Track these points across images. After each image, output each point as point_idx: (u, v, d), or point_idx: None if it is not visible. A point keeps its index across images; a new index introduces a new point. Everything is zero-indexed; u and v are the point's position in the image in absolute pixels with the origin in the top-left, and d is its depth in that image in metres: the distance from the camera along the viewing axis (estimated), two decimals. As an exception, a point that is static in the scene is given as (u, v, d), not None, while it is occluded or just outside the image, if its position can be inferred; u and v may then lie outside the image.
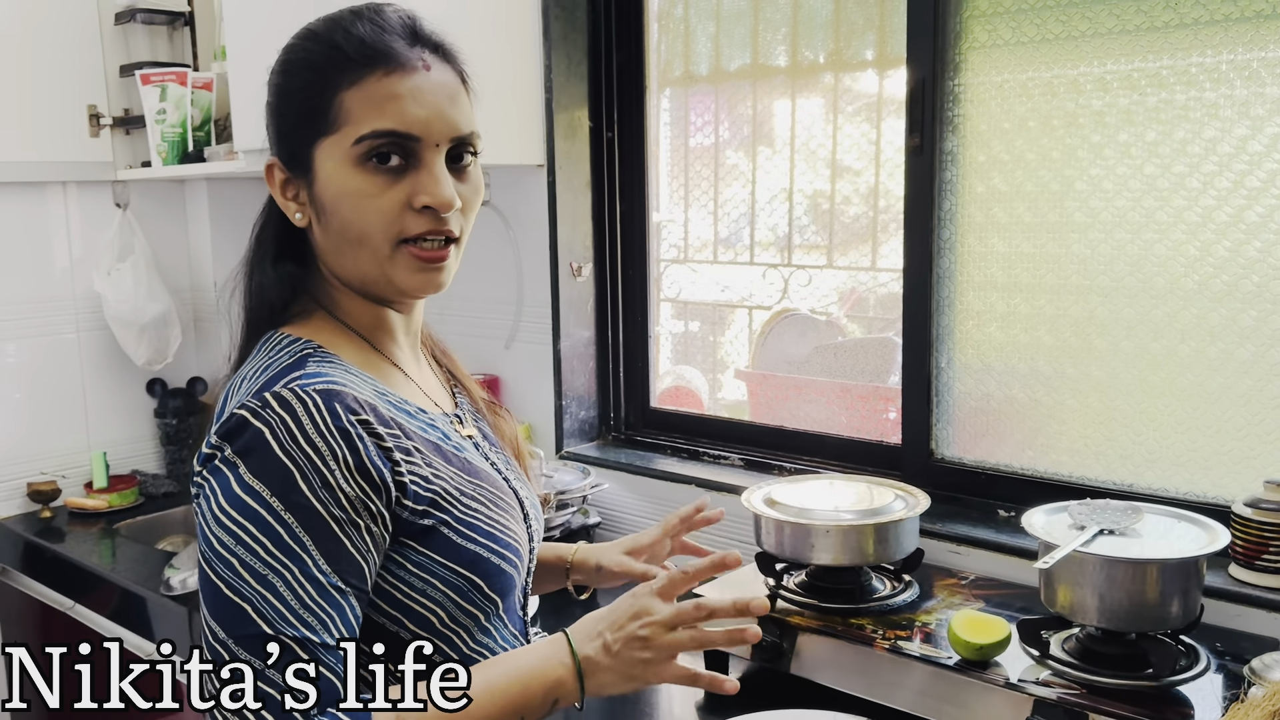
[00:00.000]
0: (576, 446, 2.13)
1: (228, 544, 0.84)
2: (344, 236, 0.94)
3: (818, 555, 1.44)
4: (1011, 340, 1.64)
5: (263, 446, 0.85)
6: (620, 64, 2.09)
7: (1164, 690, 1.18)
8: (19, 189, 2.34)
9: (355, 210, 0.92)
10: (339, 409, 0.87)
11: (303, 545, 0.84)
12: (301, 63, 0.94)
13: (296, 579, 0.84)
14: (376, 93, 0.91)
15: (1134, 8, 1.47)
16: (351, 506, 0.86)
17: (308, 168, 0.94)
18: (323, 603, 0.84)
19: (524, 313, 2.16)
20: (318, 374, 0.90)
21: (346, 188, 0.92)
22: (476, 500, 0.96)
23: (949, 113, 1.64)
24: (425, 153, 0.92)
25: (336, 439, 0.86)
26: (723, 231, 2.20)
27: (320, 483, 0.85)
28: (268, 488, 0.84)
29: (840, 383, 2.07)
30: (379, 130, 0.90)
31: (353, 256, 0.94)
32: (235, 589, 0.84)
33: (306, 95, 0.93)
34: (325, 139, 0.92)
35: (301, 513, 0.84)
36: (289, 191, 0.96)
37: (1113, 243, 1.52)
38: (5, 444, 2.36)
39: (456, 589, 0.93)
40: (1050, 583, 1.26)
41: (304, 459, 0.85)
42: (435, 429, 0.98)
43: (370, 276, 0.95)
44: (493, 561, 0.95)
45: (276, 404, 0.86)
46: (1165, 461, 1.52)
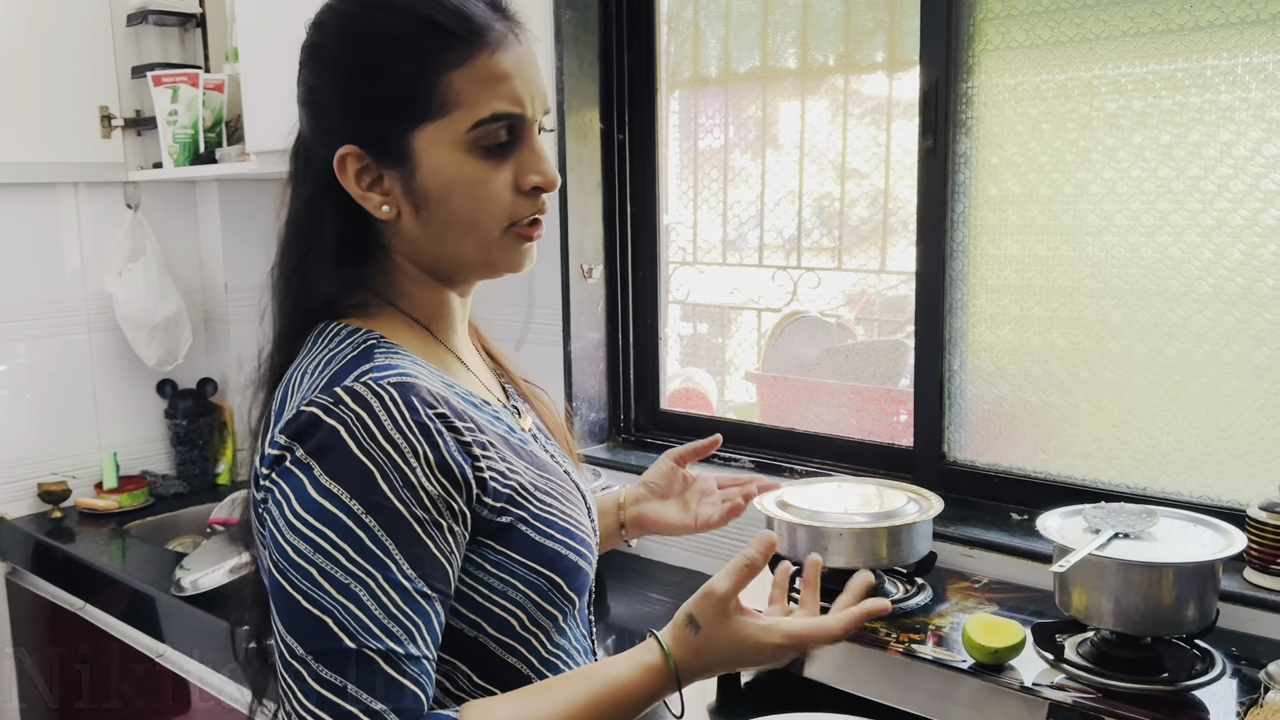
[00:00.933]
0: (587, 448, 2.13)
1: (305, 552, 0.79)
2: (449, 226, 0.88)
3: (830, 558, 1.44)
4: (1025, 343, 1.63)
5: (338, 445, 0.79)
6: (631, 66, 2.09)
7: (1179, 695, 1.18)
8: (31, 190, 2.35)
9: (468, 198, 0.87)
10: (416, 403, 0.82)
11: (386, 550, 0.79)
12: (384, 39, 0.85)
13: (381, 586, 0.79)
14: (488, 73, 0.85)
15: (1148, 10, 1.46)
16: (434, 506, 0.81)
17: (404, 157, 0.86)
18: (409, 610, 0.80)
19: (534, 314, 2.16)
20: (389, 366, 0.84)
21: (460, 176, 0.86)
22: (550, 495, 0.92)
23: (962, 115, 1.64)
24: (528, 131, 0.88)
25: (416, 434, 0.81)
26: (731, 234, 2.20)
27: (402, 482, 0.80)
28: (346, 489, 0.79)
29: (851, 385, 2.07)
30: (499, 113, 0.85)
31: (456, 245, 0.89)
32: (315, 600, 0.78)
33: (401, 77, 0.84)
34: (429, 124, 0.85)
35: (383, 514, 0.79)
36: (365, 181, 0.88)
37: (1127, 245, 1.52)
38: (16, 444, 2.36)
39: (537, 589, 0.88)
40: (1065, 586, 1.25)
41: (384, 457, 0.79)
42: (501, 421, 0.94)
43: (470, 262, 0.91)
44: (570, 559, 0.91)
45: (350, 399, 0.80)
46: (1179, 465, 1.51)
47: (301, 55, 0.91)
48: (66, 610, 2.19)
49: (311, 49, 0.89)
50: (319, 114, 0.89)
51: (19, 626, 2.37)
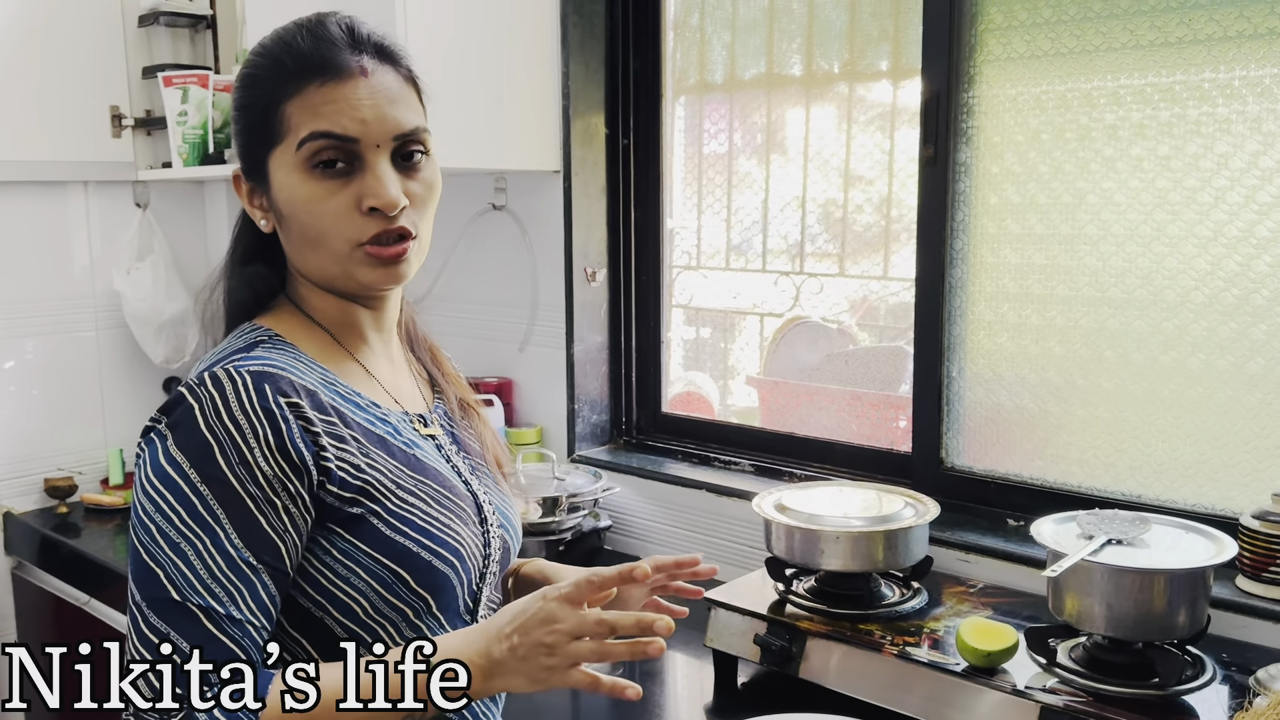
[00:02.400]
0: (588, 450, 2.15)
1: (149, 510, 0.88)
2: (304, 239, 0.98)
3: (827, 561, 1.46)
4: (1022, 350, 1.65)
5: (190, 421, 0.89)
6: (637, 71, 2.11)
7: (1170, 699, 1.19)
8: (41, 188, 2.37)
9: (309, 214, 0.96)
10: (267, 389, 0.91)
11: (216, 518, 0.87)
12: (251, 78, 0.98)
13: (207, 549, 0.87)
14: (313, 100, 0.94)
15: (1147, 23, 1.48)
16: (269, 484, 0.89)
17: (264, 177, 0.99)
18: (232, 576, 0.87)
19: (538, 316, 2.18)
20: (258, 357, 0.94)
21: (297, 194, 0.96)
22: (415, 495, 0.97)
23: (963, 124, 1.65)
24: (368, 154, 0.95)
25: (259, 417, 0.89)
26: (735, 239, 2.22)
27: (238, 459, 0.88)
28: (188, 460, 0.88)
29: (851, 390, 2.08)
30: (315, 132, 0.94)
31: (315, 257, 0.99)
32: (151, 554, 0.88)
33: (256, 109, 0.97)
34: (275, 149, 0.96)
35: (217, 486, 0.88)
36: (254, 200, 1.01)
37: (1124, 255, 1.53)
38: (23, 440, 2.38)
39: (381, 580, 0.94)
40: (1058, 591, 1.27)
41: (224, 435, 0.88)
42: (385, 423, 1.00)
43: (333, 274, 0.99)
44: (422, 557, 0.96)
45: (210, 382, 0.90)
46: (1174, 473, 1.53)
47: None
48: (71, 605, 2.21)
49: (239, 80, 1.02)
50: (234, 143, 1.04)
51: (24, 620, 2.39)
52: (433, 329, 1.23)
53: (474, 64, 1.90)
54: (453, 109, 1.85)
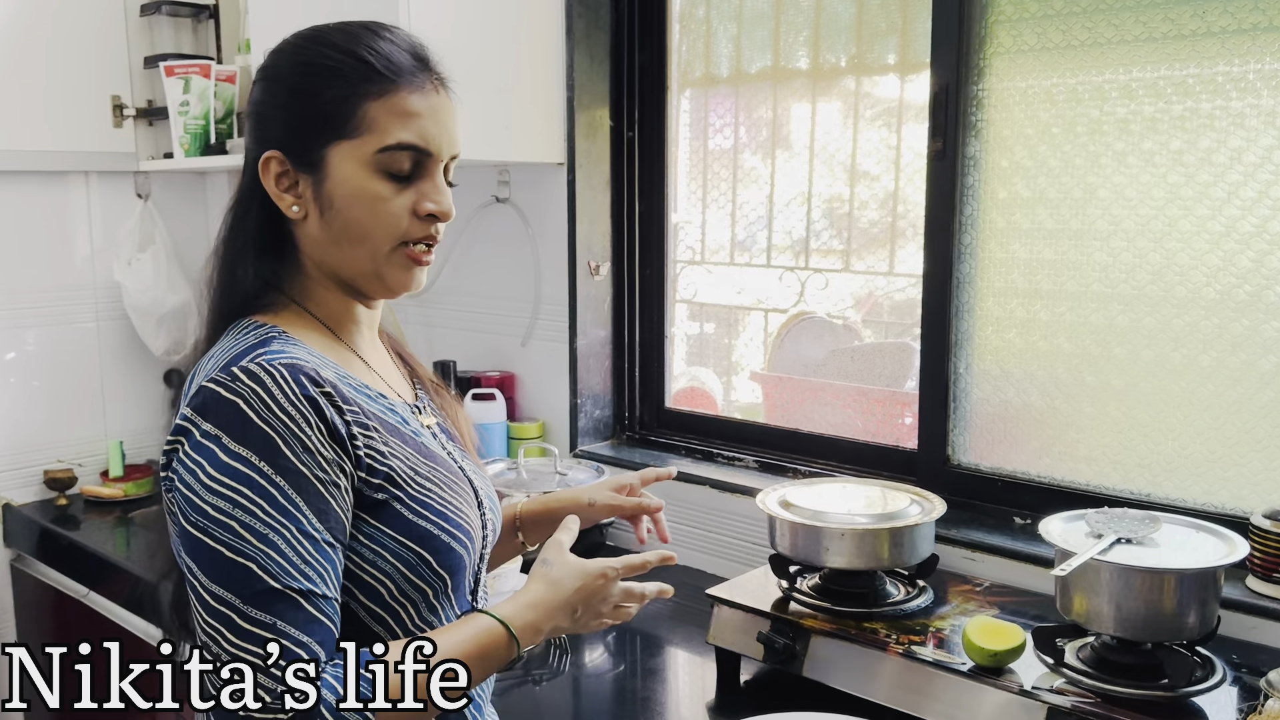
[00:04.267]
0: (591, 445, 2.14)
1: (224, 509, 0.89)
2: (346, 233, 1.00)
3: (831, 558, 1.44)
4: (1031, 347, 1.63)
5: (241, 417, 0.90)
6: (642, 64, 2.09)
7: (1179, 701, 1.18)
8: (42, 178, 2.36)
9: (366, 211, 0.99)
10: (305, 380, 0.92)
11: (296, 505, 0.90)
12: (325, 69, 0.99)
13: (295, 536, 0.89)
14: (401, 107, 0.98)
15: (1161, 15, 1.46)
16: (331, 468, 0.92)
17: (316, 166, 0.99)
18: (319, 557, 0.90)
19: (541, 310, 2.16)
20: (282, 351, 0.95)
21: (362, 190, 0.98)
22: (430, 480, 1.01)
23: (972, 117, 1.64)
24: (433, 166, 1.02)
25: (306, 407, 0.91)
26: (740, 234, 2.20)
27: (302, 447, 0.90)
28: (255, 454, 0.89)
29: (856, 386, 2.06)
30: (403, 143, 0.98)
31: (350, 252, 1.01)
32: (239, 550, 0.88)
33: (329, 99, 0.98)
34: (343, 142, 0.98)
35: (290, 475, 0.90)
36: (284, 184, 1.00)
37: (1135, 251, 1.52)
38: (23, 431, 2.37)
39: (406, 562, 0.98)
40: (1066, 590, 1.25)
41: (282, 426, 0.90)
42: (394, 413, 1.04)
43: (362, 272, 1.02)
44: (442, 539, 0.99)
45: (246, 377, 0.91)
46: (1183, 471, 1.51)
47: (256, 75, 1.05)
48: (70, 597, 2.20)
49: (266, 70, 1.03)
50: (259, 124, 1.02)
51: (23, 613, 2.38)
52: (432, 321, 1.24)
53: (478, 55, 1.89)
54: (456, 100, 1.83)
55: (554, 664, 1.55)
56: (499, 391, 2.14)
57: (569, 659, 1.57)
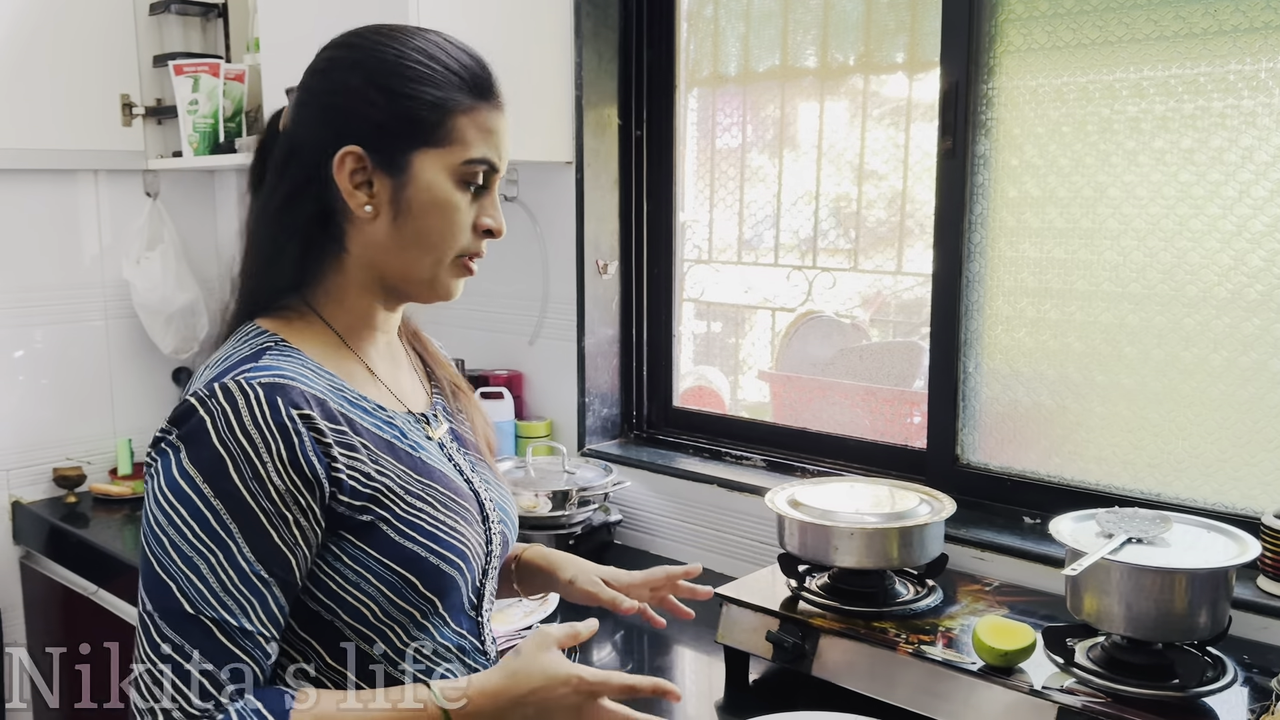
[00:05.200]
0: (598, 444, 2.13)
1: (161, 523, 0.89)
2: (417, 239, 0.99)
3: (841, 557, 1.44)
4: (1041, 346, 1.63)
5: (202, 434, 0.89)
6: (650, 63, 2.09)
7: (1190, 701, 1.17)
8: (51, 176, 2.37)
9: (444, 219, 0.99)
10: (280, 402, 0.90)
11: (229, 532, 0.88)
12: (418, 73, 0.98)
13: (220, 564, 0.88)
14: (486, 123, 1.00)
15: (1172, 13, 1.46)
16: (280, 499, 0.90)
17: (401, 169, 0.98)
18: (244, 589, 0.89)
19: (549, 309, 2.16)
20: (268, 366, 0.93)
21: (445, 199, 0.99)
22: (422, 500, 0.99)
23: (982, 116, 1.63)
24: (495, 182, 1.03)
25: (272, 431, 0.89)
26: (747, 233, 2.20)
27: (251, 474, 0.89)
28: (201, 474, 0.88)
29: (865, 386, 2.06)
30: (484, 158, 1.00)
31: (414, 258, 1.00)
32: (164, 566, 0.88)
33: (425, 105, 0.98)
34: (430, 149, 0.98)
35: (230, 501, 0.88)
36: (357, 180, 0.98)
37: (1145, 250, 1.51)
38: (32, 429, 2.38)
39: (390, 585, 0.96)
40: (1077, 590, 1.25)
41: (238, 449, 0.89)
42: (392, 427, 1.01)
43: (419, 278, 1.02)
44: (430, 561, 0.98)
45: (221, 394, 0.90)
46: (1194, 471, 1.50)
47: (325, 64, 1.02)
48: (79, 594, 2.20)
49: (346, 60, 1.00)
50: (337, 117, 0.99)
51: (32, 610, 2.39)
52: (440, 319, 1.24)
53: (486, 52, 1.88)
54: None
55: (562, 662, 1.55)
56: (507, 390, 2.14)
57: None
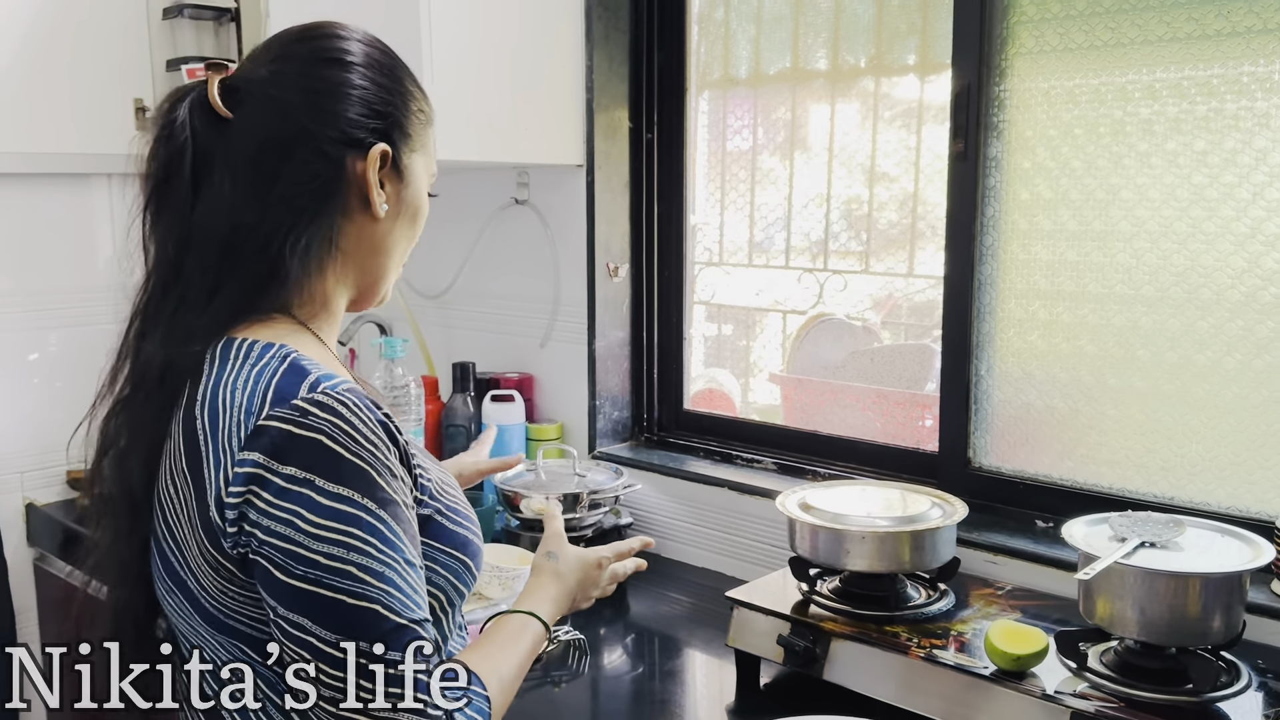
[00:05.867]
0: (609, 446, 2.14)
1: (338, 555, 0.83)
2: (404, 240, 1.02)
3: (852, 561, 1.44)
4: (1053, 349, 1.62)
5: (328, 454, 0.84)
6: (661, 66, 2.09)
7: (1204, 706, 1.17)
8: (65, 180, 2.38)
9: (419, 223, 1.03)
10: (370, 404, 0.88)
11: (398, 535, 0.87)
12: (411, 78, 1.02)
13: (404, 568, 0.87)
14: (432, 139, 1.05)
15: (1185, 15, 1.45)
16: (409, 491, 0.91)
17: (406, 170, 1.00)
18: (420, 584, 0.89)
19: (560, 312, 2.16)
20: (330, 374, 0.89)
21: (424, 204, 1.03)
22: (449, 485, 1.02)
23: (994, 118, 1.63)
24: None
25: (382, 435, 0.88)
26: (757, 235, 2.20)
27: (390, 474, 0.87)
28: (355, 490, 0.84)
29: (876, 388, 2.06)
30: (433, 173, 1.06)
31: (396, 258, 1.03)
32: (361, 594, 0.84)
33: (418, 110, 1.01)
34: (418, 154, 1.01)
35: (390, 507, 0.87)
36: (386, 180, 0.99)
37: (1158, 252, 1.50)
38: (46, 432, 2.39)
39: (454, 571, 0.98)
40: (1090, 594, 1.24)
41: (371, 456, 0.86)
42: None
43: (387, 278, 1.03)
44: (475, 542, 1.01)
45: (319, 410, 0.85)
46: (1208, 475, 1.50)
47: (337, 54, 0.96)
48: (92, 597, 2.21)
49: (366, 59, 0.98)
50: (364, 112, 0.96)
51: (45, 610, 2.40)
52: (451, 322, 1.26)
53: (498, 57, 1.89)
54: (476, 102, 1.84)
55: (573, 666, 1.55)
56: (518, 393, 2.14)
57: (588, 660, 1.57)
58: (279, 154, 0.93)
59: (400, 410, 1.96)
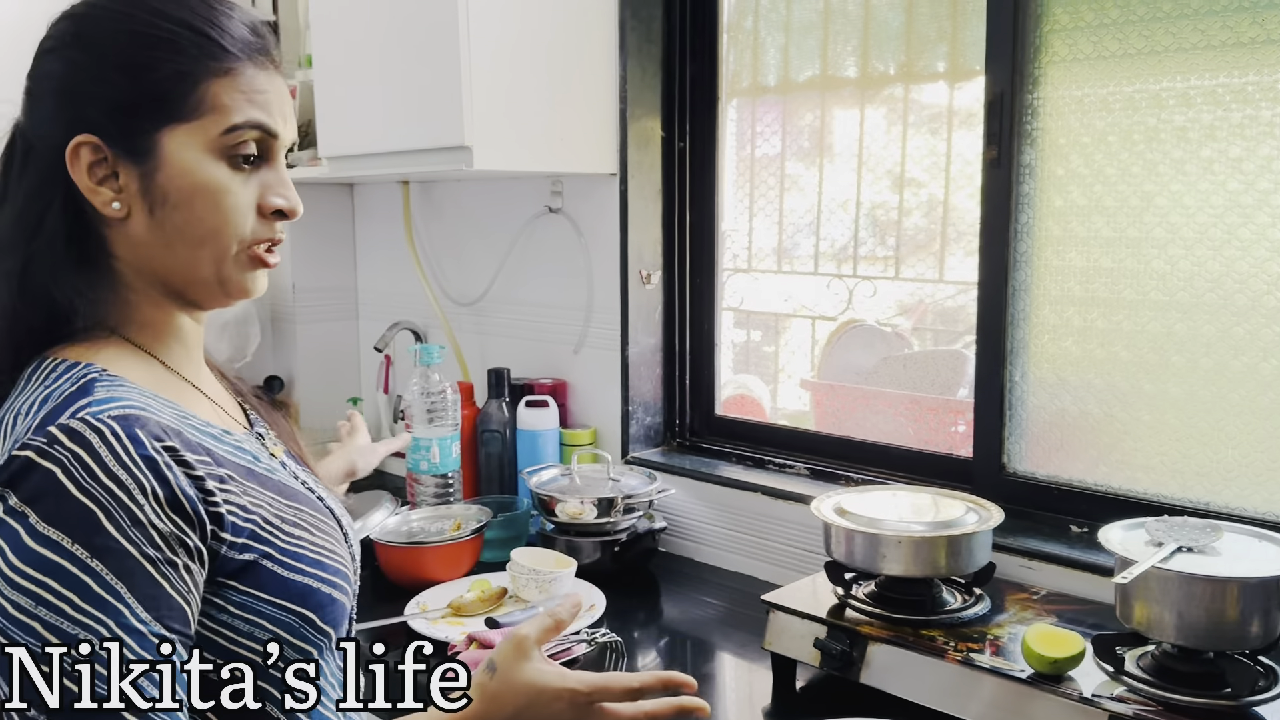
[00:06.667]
0: (642, 452, 2.16)
1: (27, 607, 0.73)
2: (184, 234, 0.86)
3: (888, 566, 1.45)
4: (1088, 355, 1.63)
5: (56, 488, 0.74)
6: (693, 76, 2.11)
7: (1242, 710, 1.17)
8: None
9: (210, 206, 0.86)
10: (142, 436, 0.77)
11: (116, 594, 0.74)
12: (156, 39, 0.84)
13: (113, 633, 0.73)
14: (247, 85, 0.87)
15: (1219, 23, 1.46)
16: (167, 544, 0.77)
17: (146, 153, 0.84)
18: (146, 655, 0.75)
19: (593, 319, 2.19)
20: (111, 399, 0.79)
21: (207, 181, 0.85)
22: (298, 526, 0.88)
23: (1027, 126, 1.64)
24: (278, 153, 0.90)
25: (143, 469, 0.76)
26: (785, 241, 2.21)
27: (130, 521, 0.75)
28: (67, 535, 0.73)
29: (909, 394, 2.07)
30: (251, 121, 0.86)
31: (187, 256, 0.87)
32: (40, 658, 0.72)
33: (164, 75, 0.84)
34: (180, 125, 0.85)
35: (112, 557, 0.74)
36: (98, 175, 0.85)
37: (1193, 259, 1.51)
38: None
39: (287, 627, 0.85)
40: (1127, 599, 1.25)
41: (107, 496, 0.74)
42: (245, 452, 0.90)
43: (200, 277, 0.88)
44: (323, 591, 0.87)
45: (67, 438, 0.75)
46: (1243, 480, 1.50)
47: (51, 42, 0.88)
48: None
49: (71, 37, 0.87)
50: (64, 102, 0.85)
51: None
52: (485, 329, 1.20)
53: (533, 68, 1.92)
54: (511, 112, 1.86)
55: (609, 667, 1.57)
56: (552, 399, 2.17)
57: (624, 663, 1.58)
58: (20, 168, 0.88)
59: (437, 416, 1.99)
